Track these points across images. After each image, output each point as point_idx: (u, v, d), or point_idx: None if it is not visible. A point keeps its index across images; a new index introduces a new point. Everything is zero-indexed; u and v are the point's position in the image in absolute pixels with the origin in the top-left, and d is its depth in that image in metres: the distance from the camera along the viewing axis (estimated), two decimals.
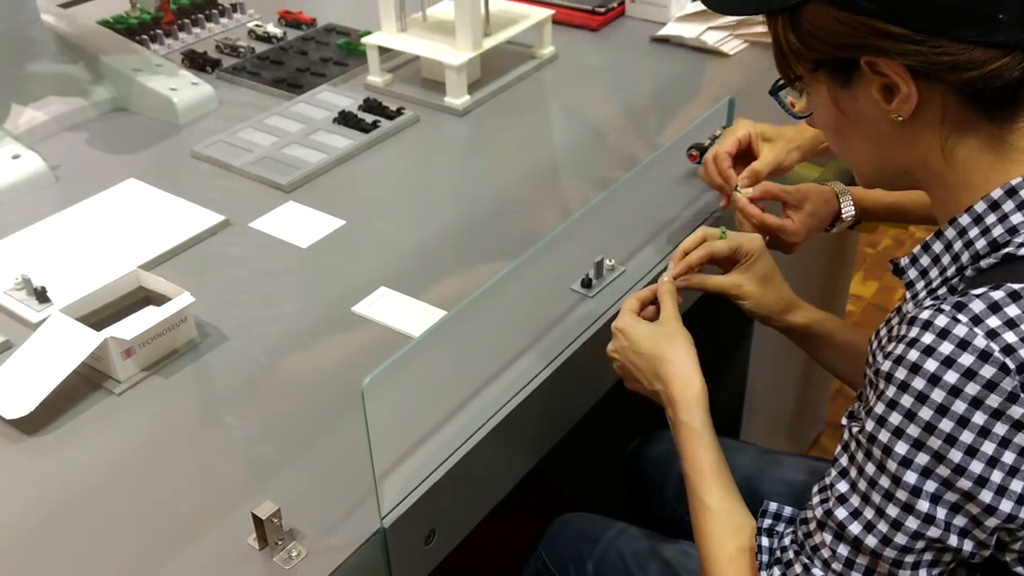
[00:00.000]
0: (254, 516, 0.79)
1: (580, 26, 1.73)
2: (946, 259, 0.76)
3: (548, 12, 1.59)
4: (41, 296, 1.08)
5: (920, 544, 0.70)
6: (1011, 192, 0.72)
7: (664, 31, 1.68)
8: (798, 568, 0.77)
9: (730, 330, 1.49)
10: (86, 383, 0.99)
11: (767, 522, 0.84)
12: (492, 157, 1.40)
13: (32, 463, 0.91)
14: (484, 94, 1.52)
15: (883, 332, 0.80)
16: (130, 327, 0.97)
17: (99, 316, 1.03)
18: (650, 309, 1.02)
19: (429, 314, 1.06)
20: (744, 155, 1.17)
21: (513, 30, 1.54)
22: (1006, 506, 0.66)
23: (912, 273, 0.79)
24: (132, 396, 0.98)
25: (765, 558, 0.81)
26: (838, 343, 1.07)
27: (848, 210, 1.15)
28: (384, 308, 1.07)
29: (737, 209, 1.13)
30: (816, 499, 0.77)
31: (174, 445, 0.93)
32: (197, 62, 1.64)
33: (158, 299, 1.05)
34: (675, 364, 0.94)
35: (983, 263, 0.72)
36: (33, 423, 0.94)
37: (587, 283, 1.09)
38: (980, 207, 0.73)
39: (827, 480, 0.76)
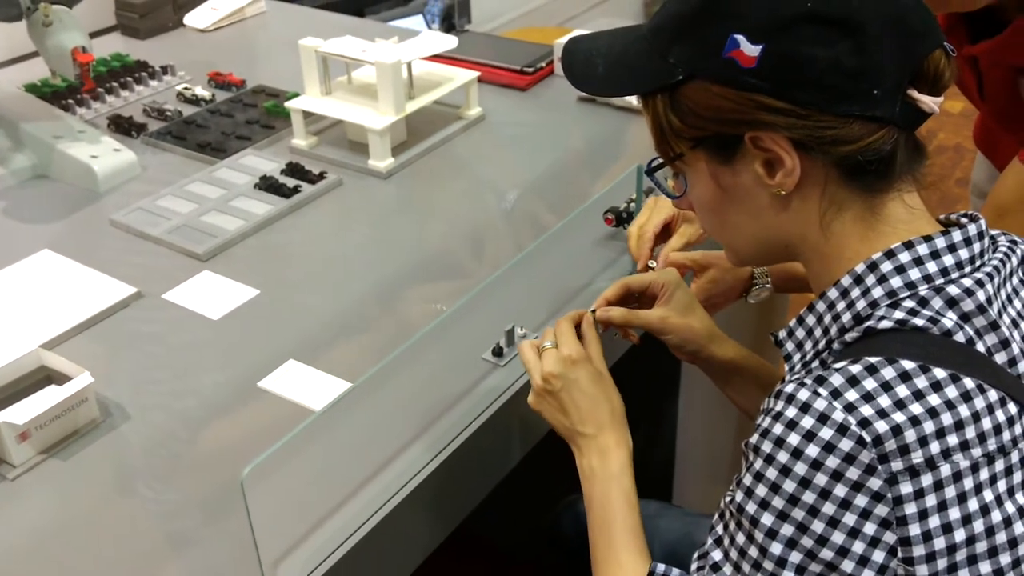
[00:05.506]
0: None
1: (508, 86, 1.75)
2: (818, 332, 0.77)
3: (474, 74, 1.60)
4: None
5: None
6: (872, 267, 0.74)
7: None
8: None
9: (656, 390, 1.49)
10: None
11: None
12: (413, 221, 1.40)
13: None
14: (409, 156, 1.52)
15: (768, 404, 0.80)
16: (25, 410, 0.95)
17: None
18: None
19: (336, 388, 1.04)
20: (668, 232, 1.20)
21: (438, 92, 1.55)
22: (867, 575, 0.67)
23: (789, 346, 0.80)
24: (27, 480, 0.96)
25: None
26: (765, 380, 1.05)
27: (762, 275, 1.15)
28: (291, 382, 1.06)
29: None
30: (694, 565, 0.78)
31: (69, 530, 0.91)
32: (123, 126, 1.63)
33: (59, 378, 1.03)
34: (615, 415, 0.93)
35: (848, 337, 0.74)
36: None
37: (498, 352, 1.09)
38: (846, 281, 0.75)
39: (705, 548, 0.77)
